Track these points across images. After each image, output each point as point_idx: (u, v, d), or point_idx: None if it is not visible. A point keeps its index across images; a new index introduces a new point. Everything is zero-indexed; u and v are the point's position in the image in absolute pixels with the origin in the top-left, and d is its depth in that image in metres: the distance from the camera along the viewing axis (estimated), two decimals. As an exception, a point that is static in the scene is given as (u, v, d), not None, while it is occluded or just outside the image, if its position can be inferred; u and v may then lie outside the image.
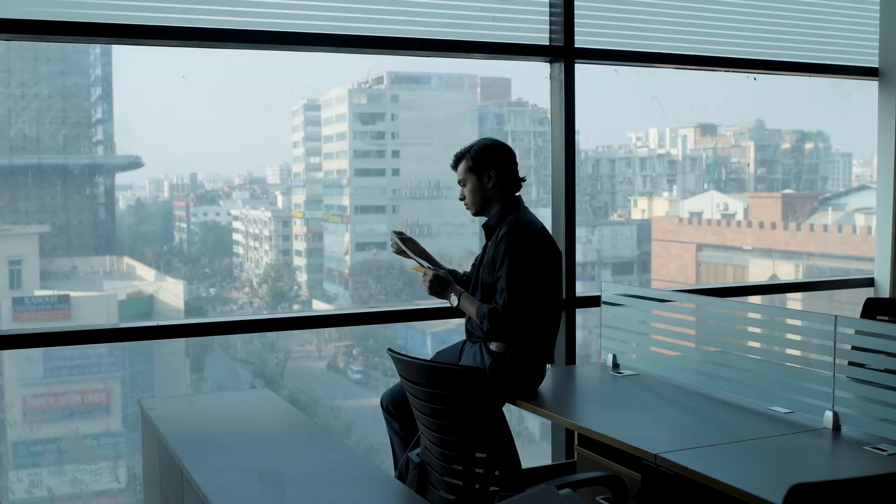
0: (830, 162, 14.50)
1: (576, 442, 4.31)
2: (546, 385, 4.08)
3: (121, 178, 13.88)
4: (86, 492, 9.56)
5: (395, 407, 4.19)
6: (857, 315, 4.52)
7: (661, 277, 13.62)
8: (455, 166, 4.14)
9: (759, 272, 13.24)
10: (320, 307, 17.31)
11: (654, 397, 4.03)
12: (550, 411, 3.80)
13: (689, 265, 13.50)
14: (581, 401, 4.21)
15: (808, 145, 14.81)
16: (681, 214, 14.13)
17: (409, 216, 17.72)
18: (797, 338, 3.86)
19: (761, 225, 13.08)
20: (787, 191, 14.52)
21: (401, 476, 3.98)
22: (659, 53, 4.92)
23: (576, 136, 4.72)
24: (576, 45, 4.64)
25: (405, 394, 4.11)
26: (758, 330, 4.01)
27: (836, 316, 3.50)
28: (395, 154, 17.79)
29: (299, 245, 17.38)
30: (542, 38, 4.65)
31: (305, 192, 17.52)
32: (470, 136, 18.36)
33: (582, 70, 4.62)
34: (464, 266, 4.25)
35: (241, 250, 17.24)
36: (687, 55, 4.98)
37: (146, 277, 14.35)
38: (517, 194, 4.11)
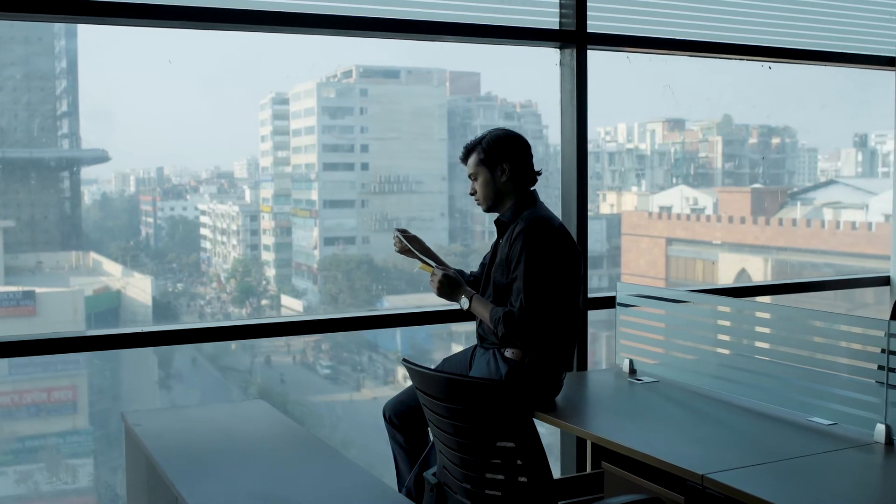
0: (796, 157, 14.41)
1: (589, 452, 3.95)
2: (560, 393, 3.71)
3: (86, 173, 13.42)
4: (53, 491, 9.23)
5: (399, 418, 3.78)
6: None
7: (631, 272, 13.39)
8: (465, 159, 3.74)
9: (728, 267, 13.06)
10: (289, 302, 16.95)
11: (681, 408, 3.66)
12: (573, 424, 3.43)
13: (659, 259, 13.30)
14: (603, 412, 3.81)
15: (775, 140, 14.71)
16: (650, 209, 13.93)
17: (378, 211, 17.35)
18: (838, 343, 3.51)
19: (731, 219, 12.92)
20: (756, 185, 14.36)
21: (409, 493, 3.60)
22: (674, 40, 4.56)
23: (588, 128, 4.36)
24: (588, 31, 4.27)
25: (409, 404, 3.72)
26: (793, 334, 3.65)
27: (889, 321, 3.17)
28: (364, 148, 17.41)
29: (267, 240, 16.97)
30: (552, 22, 4.27)
31: (273, 187, 17.10)
32: (439, 131, 18.00)
33: (551, 60, 4.25)
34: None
35: (208, 245, 16.80)
36: (702, 42, 4.62)
37: (113, 273, 13.90)
38: (532, 188, 3.73)
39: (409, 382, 3.16)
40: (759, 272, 12.60)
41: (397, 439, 3.82)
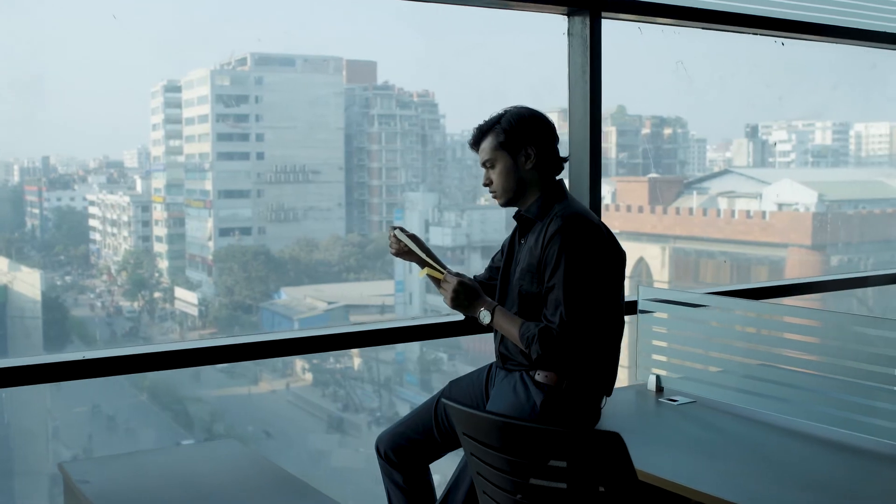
0: (687, 147, 14.24)
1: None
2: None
3: (-33, 162, 12.29)
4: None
5: (397, 453, 3.00)
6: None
7: (531, 261, 12.90)
8: (477, 143, 2.95)
9: (626, 255, 12.66)
10: (183, 294, 15.99)
11: (738, 439, 2.95)
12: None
13: (559, 248, 12.85)
14: (642, 443, 3.06)
15: (667, 130, 14.44)
16: (549, 198, 13.52)
17: (275, 201, 16.55)
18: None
19: (629, 208, 12.51)
20: (653, 175, 14.00)
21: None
22: (691, 8, 3.87)
23: (601, 105, 3.65)
24: (603, -5, 3.53)
25: (409, 437, 2.98)
26: (861, 346, 2.98)
27: None
28: (260, 137, 16.56)
29: (160, 231, 16.02)
30: (561, -17, 3.52)
31: (166, 177, 16.16)
32: (336, 120, 17.21)
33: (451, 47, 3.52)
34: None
35: (98, 237, 15.82)
36: (719, 12, 3.96)
37: (-2, 267, 12.82)
38: (559, 178, 2.98)
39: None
40: (657, 260, 12.23)
41: (394, 479, 3.03)
